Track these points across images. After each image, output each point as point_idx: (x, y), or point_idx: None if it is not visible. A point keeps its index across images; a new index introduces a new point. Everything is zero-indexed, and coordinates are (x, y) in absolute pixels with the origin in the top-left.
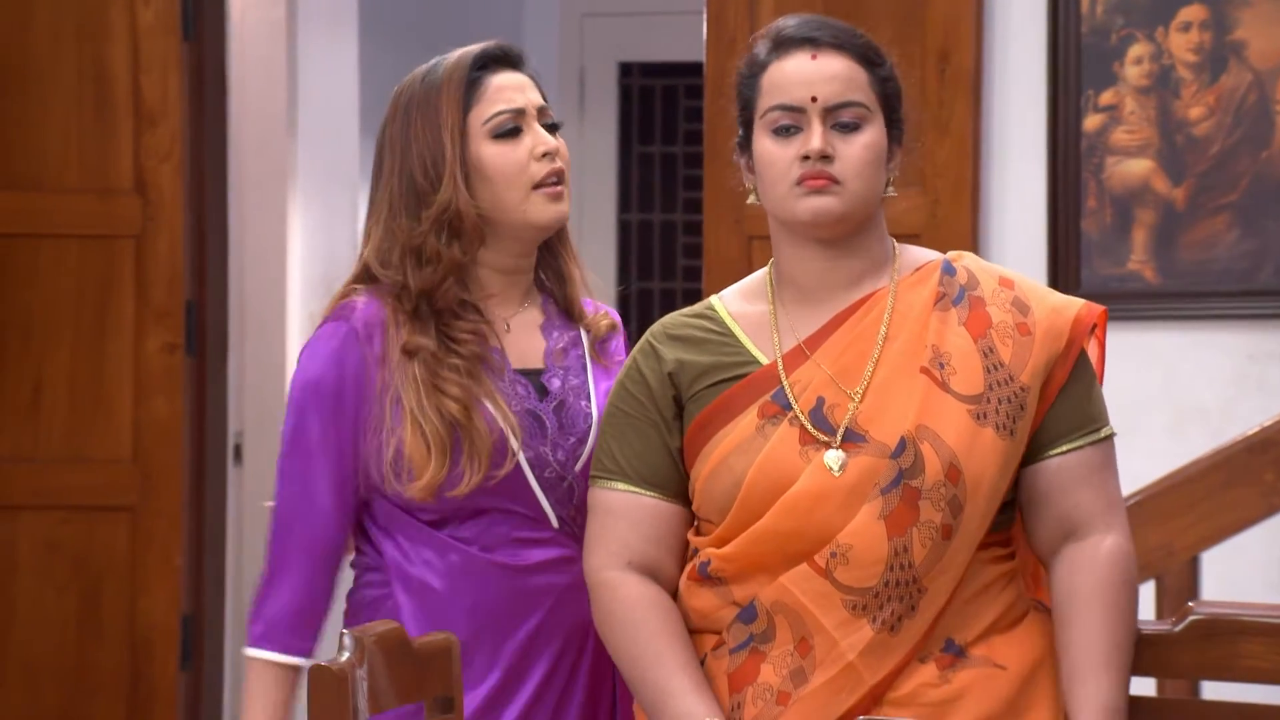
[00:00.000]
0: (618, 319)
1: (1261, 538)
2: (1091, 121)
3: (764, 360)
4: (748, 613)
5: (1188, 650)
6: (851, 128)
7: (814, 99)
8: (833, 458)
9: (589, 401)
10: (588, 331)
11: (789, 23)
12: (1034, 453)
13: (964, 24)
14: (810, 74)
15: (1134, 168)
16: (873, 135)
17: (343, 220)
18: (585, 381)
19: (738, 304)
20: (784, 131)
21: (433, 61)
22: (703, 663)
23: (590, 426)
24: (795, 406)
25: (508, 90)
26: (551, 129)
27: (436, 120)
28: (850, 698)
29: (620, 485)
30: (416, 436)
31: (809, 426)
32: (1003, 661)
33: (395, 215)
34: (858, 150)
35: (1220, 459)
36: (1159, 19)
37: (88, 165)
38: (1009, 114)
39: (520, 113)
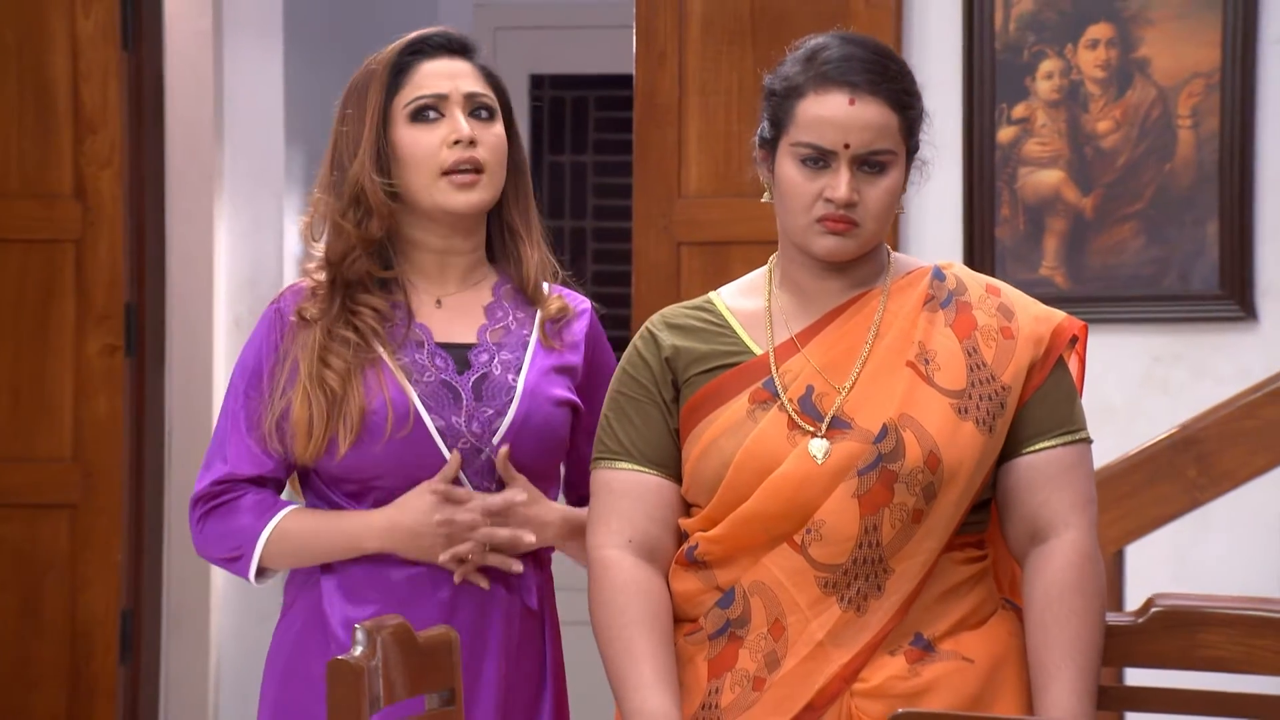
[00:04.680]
0: (577, 304)
1: (1169, 530)
2: (1005, 133)
3: (758, 351)
4: (726, 598)
5: (1151, 640)
6: (877, 171)
7: (846, 146)
8: (817, 446)
9: (517, 376)
10: (540, 312)
11: (830, 52)
12: (1010, 450)
13: (882, 39)
14: (846, 120)
15: (1045, 178)
16: (895, 178)
17: (269, 226)
18: (521, 357)
19: (735, 299)
20: (811, 163)
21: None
22: None
23: (512, 400)
24: (783, 396)
25: (434, 76)
26: (483, 115)
27: (364, 103)
28: (820, 679)
29: (624, 464)
30: (303, 404)
31: (796, 414)
32: (970, 655)
33: (325, 191)
34: (880, 195)
35: (1145, 456)
36: (1068, 36)
37: (29, 171)
38: (926, 125)
39: (442, 98)
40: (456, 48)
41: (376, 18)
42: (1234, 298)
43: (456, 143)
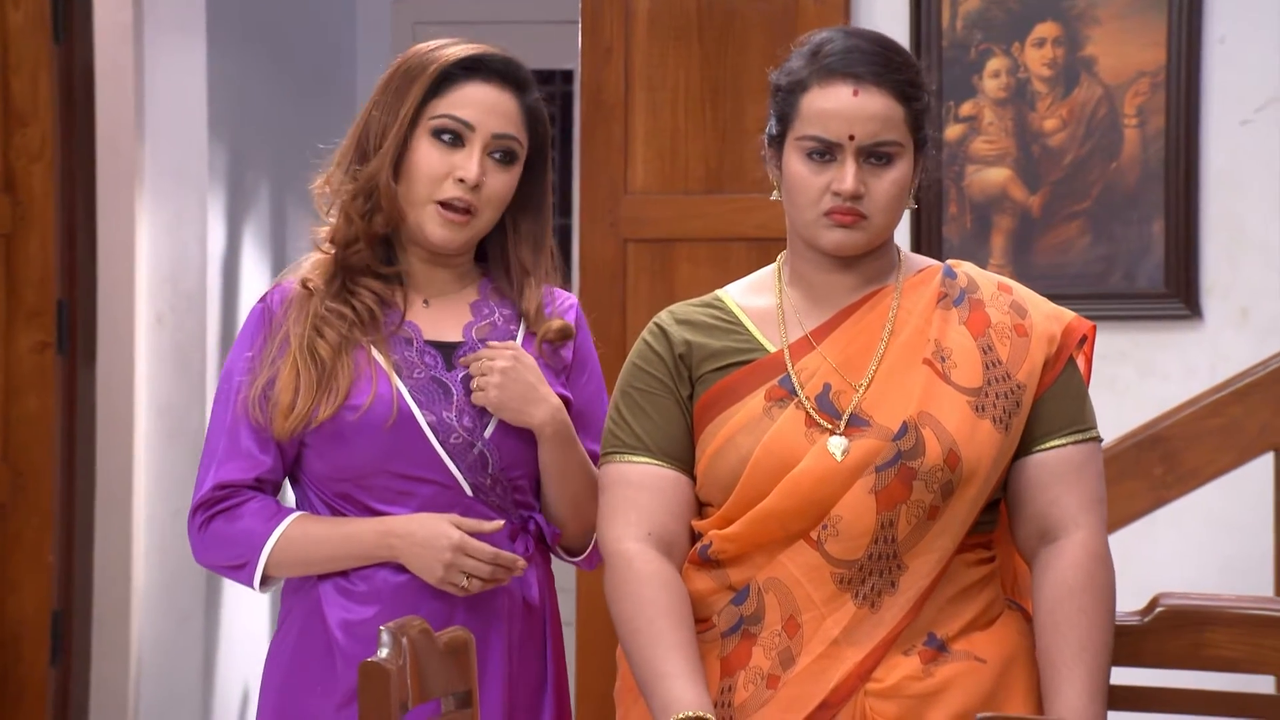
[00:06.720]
0: (563, 304)
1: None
2: (953, 131)
3: (771, 348)
4: (740, 595)
5: (1157, 640)
6: (883, 163)
7: (851, 137)
8: (836, 444)
9: None
10: (532, 330)
11: (833, 44)
12: (1021, 449)
13: None
14: (850, 111)
15: (993, 176)
16: (902, 170)
17: (191, 222)
18: None
19: (745, 296)
20: (817, 156)
21: (457, 39)
22: None
23: None
24: (801, 393)
25: (472, 103)
26: (498, 157)
27: (404, 96)
28: (834, 677)
29: (640, 459)
30: (290, 370)
31: (814, 411)
32: (982, 655)
33: (342, 166)
34: (887, 186)
35: (1112, 454)
36: (1015, 35)
37: None
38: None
39: (468, 128)
40: (511, 79)
41: (298, 12)
42: (1179, 296)
43: (460, 181)
